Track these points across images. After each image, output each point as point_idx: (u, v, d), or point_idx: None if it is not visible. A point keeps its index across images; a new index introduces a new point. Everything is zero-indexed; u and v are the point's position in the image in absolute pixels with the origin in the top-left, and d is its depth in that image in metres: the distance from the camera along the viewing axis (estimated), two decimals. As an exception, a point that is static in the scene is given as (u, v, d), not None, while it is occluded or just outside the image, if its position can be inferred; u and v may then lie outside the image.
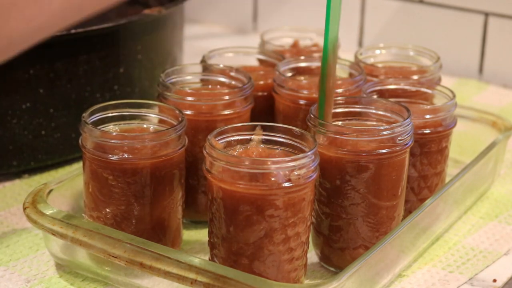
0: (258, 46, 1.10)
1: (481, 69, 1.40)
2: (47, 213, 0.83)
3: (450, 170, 1.00)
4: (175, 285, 0.77)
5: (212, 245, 0.81)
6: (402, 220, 0.86)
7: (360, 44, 1.50)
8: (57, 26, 0.69)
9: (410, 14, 1.44)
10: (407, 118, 0.84)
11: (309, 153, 0.77)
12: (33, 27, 0.68)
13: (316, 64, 1.01)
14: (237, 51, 1.05)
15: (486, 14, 1.37)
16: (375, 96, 0.94)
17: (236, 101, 0.91)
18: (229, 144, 0.81)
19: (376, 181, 0.83)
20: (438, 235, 0.93)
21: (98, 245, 0.79)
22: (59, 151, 1.05)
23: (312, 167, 0.78)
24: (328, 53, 0.84)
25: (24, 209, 0.84)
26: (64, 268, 0.86)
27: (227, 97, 0.90)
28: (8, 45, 0.68)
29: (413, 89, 0.97)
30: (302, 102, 0.93)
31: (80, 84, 1.04)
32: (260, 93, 0.98)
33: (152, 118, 0.88)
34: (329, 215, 0.85)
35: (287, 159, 0.76)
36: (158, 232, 0.85)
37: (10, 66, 0.98)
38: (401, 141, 0.83)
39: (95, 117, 0.85)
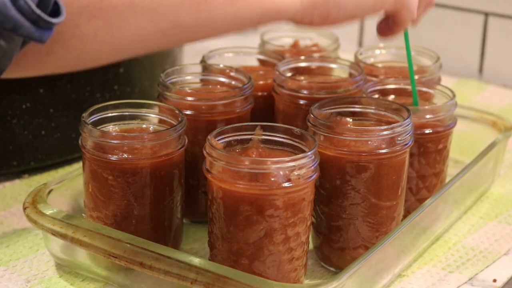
0: (258, 46, 1.10)
1: (481, 69, 1.40)
2: (47, 213, 0.83)
3: (450, 170, 1.00)
4: (175, 285, 0.77)
5: (212, 245, 0.81)
6: (402, 220, 0.86)
7: (360, 44, 1.50)
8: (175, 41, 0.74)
9: (410, 14, 1.44)
10: (407, 118, 0.84)
11: (309, 153, 0.77)
12: (143, 38, 0.70)
13: (316, 64, 1.01)
14: (237, 51, 1.05)
15: (486, 14, 1.37)
16: (375, 96, 0.94)
17: (236, 101, 0.91)
18: (229, 144, 0.81)
19: (376, 181, 0.83)
20: (438, 235, 0.93)
21: (98, 245, 0.79)
22: (59, 151, 1.05)
23: (312, 167, 0.78)
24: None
25: (24, 209, 0.84)
26: (64, 268, 0.86)
27: (227, 97, 0.90)
28: (114, 52, 0.71)
29: (413, 89, 0.97)
30: (302, 102, 0.93)
31: (80, 84, 1.04)
32: (260, 93, 0.98)
33: (152, 118, 0.88)
34: (329, 215, 0.85)
35: (287, 159, 0.76)
36: (158, 232, 0.85)
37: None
38: (401, 141, 0.83)
39: (95, 117, 0.85)
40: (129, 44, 0.74)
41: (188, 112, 0.89)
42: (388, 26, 0.86)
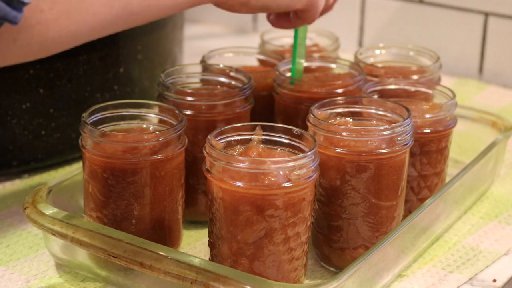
0: (258, 46, 1.10)
1: (481, 69, 1.40)
2: (47, 213, 0.83)
3: (450, 170, 1.00)
4: (175, 285, 0.77)
5: (212, 245, 0.81)
6: (402, 220, 0.86)
7: (360, 44, 1.50)
8: (119, 26, 0.79)
9: (410, 14, 1.44)
10: (407, 118, 0.84)
11: (309, 153, 0.77)
12: (99, 22, 0.76)
13: (316, 64, 1.01)
14: (237, 51, 1.05)
15: (486, 14, 1.37)
16: (375, 96, 0.94)
17: (236, 101, 0.91)
18: (229, 144, 0.81)
19: (376, 181, 0.83)
20: (438, 235, 0.93)
21: (98, 245, 0.79)
22: (59, 151, 1.05)
23: (312, 167, 0.78)
24: None
25: (24, 209, 0.84)
26: (64, 268, 0.86)
27: (227, 97, 0.90)
28: (74, 37, 0.76)
29: (413, 89, 0.97)
30: (302, 102, 0.93)
31: (80, 84, 1.04)
32: (260, 93, 0.98)
33: (152, 118, 0.88)
34: (329, 215, 0.85)
35: (287, 159, 0.76)
36: (158, 232, 0.85)
37: (10, 66, 0.98)
38: (401, 141, 0.83)
39: (95, 117, 0.85)
40: (86, 29, 0.77)
41: (188, 112, 0.89)
42: (289, 19, 0.94)
